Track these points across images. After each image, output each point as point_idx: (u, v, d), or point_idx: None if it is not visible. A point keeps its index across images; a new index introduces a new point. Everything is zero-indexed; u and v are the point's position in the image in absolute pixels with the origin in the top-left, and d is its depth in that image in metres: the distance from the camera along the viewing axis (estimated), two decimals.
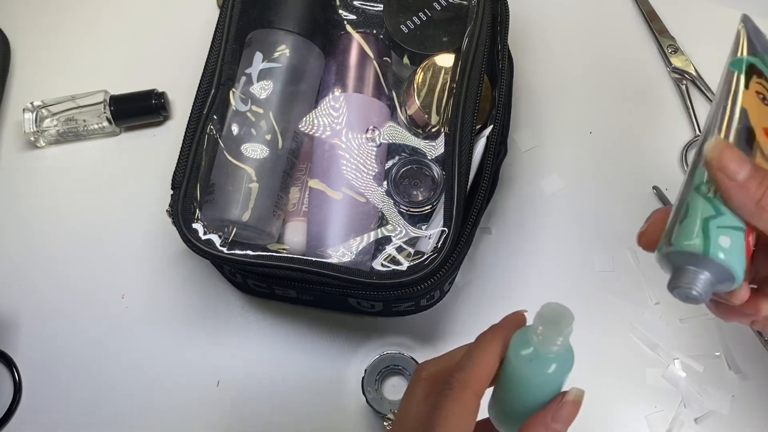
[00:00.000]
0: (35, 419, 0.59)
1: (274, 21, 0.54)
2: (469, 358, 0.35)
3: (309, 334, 0.60)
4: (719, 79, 0.38)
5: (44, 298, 0.61)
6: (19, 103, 0.66)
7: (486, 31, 0.54)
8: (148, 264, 0.62)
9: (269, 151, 0.52)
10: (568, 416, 0.34)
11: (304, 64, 0.54)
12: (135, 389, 0.59)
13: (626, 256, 0.61)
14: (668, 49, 0.66)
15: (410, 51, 0.56)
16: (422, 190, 0.54)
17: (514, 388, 0.34)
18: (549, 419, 0.33)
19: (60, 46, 0.69)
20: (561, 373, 0.34)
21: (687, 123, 0.65)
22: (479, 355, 0.35)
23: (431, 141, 0.54)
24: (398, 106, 0.56)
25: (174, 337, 0.60)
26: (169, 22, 0.70)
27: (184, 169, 0.51)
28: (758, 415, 0.57)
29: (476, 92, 0.52)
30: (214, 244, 0.50)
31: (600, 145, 0.64)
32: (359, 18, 0.58)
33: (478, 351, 0.35)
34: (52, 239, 0.63)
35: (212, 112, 0.53)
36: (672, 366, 0.58)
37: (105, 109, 0.64)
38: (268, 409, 0.58)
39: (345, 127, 0.53)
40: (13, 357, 0.60)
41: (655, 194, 0.62)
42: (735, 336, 0.58)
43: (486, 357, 0.34)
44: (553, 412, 0.34)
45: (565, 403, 0.34)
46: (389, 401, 0.55)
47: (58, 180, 0.65)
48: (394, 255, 0.51)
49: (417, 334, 0.60)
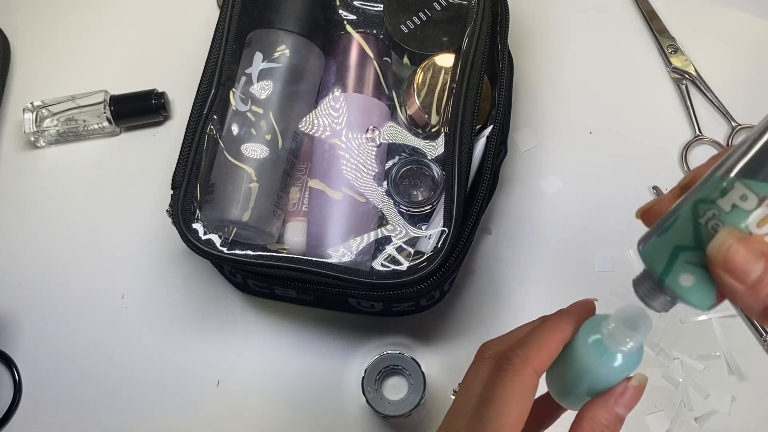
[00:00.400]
0: (35, 419, 0.59)
1: (274, 21, 0.54)
2: (534, 337, 0.34)
3: (309, 334, 0.60)
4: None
5: (44, 298, 0.61)
6: (19, 103, 0.66)
7: (486, 31, 0.54)
8: (148, 264, 0.62)
9: (269, 151, 0.52)
10: (631, 401, 0.34)
11: (304, 64, 0.54)
12: (135, 389, 0.59)
13: (626, 256, 0.61)
14: (668, 49, 0.66)
15: (410, 51, 0.56)
16: (422, 190, 0.54)
17: (579, 373, 0.34)
18: (611, 403, 0.34)
19: (60, 46, 0.69)
20: (627, 368, 0.34)
21: (687, 123, 0.65)
22: (546, 335, 0.34)
23: (431, 141, 0.54)
24: (398, 106, 0.56)
25: (174, 337, 0.60)
26: (169, 22, 0.70)
27: (184, 169, 0.51)
28: (758, 415, 0.57)
29: (476, 92, 0.52)
30: (214, 244, 0.50)
31: (600, 145, 0.64)
32: (359, 18, 0.58)
33: (544, 331, 0.35)
34: (52, 239, 0.63)
35: (212, 112, 0.53)
36: (672, 366, 0.58)
37: (105, 109, 0.64)
38: (268, 409, 0.58)
39: (345, 127, 0.53)
40: (13, 357, 0.60)
41: (655, 194, 0.62)
42: (735, 336, 0.58)
43: (552, 338, 0.34)
44: (616, 396, 0.34)
45: (629, 388, 0.34)
46: (389, 401, 0.55)
47: (58, 180, 0.65)
48: (394, 255, 0.51)
49: (417, 334, 0.60)
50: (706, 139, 0.64)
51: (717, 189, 0.29)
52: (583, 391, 0.34)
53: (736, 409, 0.57)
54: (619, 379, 0.34)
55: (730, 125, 0.64)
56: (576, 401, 0.35)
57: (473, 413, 0.34)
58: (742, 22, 0.68)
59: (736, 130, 0.64)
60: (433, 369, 0.58)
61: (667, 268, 0.30)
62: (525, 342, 0.34)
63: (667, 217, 0.31)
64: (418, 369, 0.54)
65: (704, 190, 0.29)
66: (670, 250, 0.30)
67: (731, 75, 0.66)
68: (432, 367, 0.58)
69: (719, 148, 0.64)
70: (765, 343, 0.58)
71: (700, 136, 0.64)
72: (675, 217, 0.30)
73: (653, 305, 0.32)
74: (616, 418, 0.34)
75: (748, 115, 0.64)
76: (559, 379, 0.36)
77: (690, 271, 0.30)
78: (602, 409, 0.34)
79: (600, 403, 0.34)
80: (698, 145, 0.64)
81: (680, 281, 0.30)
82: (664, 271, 0.30)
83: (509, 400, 0.33)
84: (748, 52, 0.67)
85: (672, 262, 0.30)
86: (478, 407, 0.33)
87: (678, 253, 0.30)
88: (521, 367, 0.33)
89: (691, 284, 0.30)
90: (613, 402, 0.34)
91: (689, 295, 0.30)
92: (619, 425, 0.34)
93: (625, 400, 0.34)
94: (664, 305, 0.32)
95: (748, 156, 0.28)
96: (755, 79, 0.66)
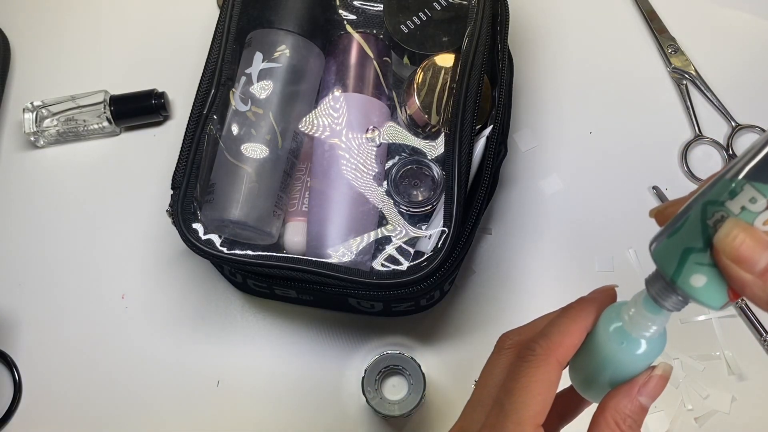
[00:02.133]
0: (35, 419, 0.59)
1: (274, 21, 0.54)
2: (556, 327, 0.34)
3: (309, 334, 0.60)
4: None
5: (44, 298, 0.61)
6: (19, 103, 0.66)
7: (486, 31, 0.54)
8: (148, 264, 0.62)
9: (269, 151, 0.52)
10: (655, 390, 0.33)
11: (304, 64, 0.54)
12: (135, 389, 0.59)
13: (626, 256, 0.61)
14: (668, 49, 0.66)
15: (410, 51, 0.56)
16: (422, 190, 0.54)
17: (601, 363, 0.33)
18: (635, 392, 0.33)
19: (60, 46, 0.69)
20: (651, 355, 0.33)
21: (687, 123, 0.65)
22: (567, 324, 0.34)
23: (431, 141, 0.54)
24: (398, 106, 0.56)
25: (174, 337, 0.60)
26: (169, 22, 0.70)
27: (184, 169, 0.51)
28: (758, 415, 0.57)
29: (476, 92, 0.52)
30: (214, 244, 0.50)
31: (600, 145, 0.64)
32: (359, 18, 0.58)
33: (566, 321, 0.34)
34: (52, 239, 0.63)
35: (212, 112, 0.53)
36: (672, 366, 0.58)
37: (105, 109, 0.64)
38: (268, 410, 0.58)
39: (345, 127, 0.53)
40: (13, 357, 0.60)
41: (655, 194, 0.62)
42: (735, 336, 0.58)
43: (574, 327, 0.33)
44: (640, 386, 0.33)
45: (652, 377, 0.33)
46: (389, 401, 0.55)
47: (58, 180, 0.65)
48: (394, 255, 0.51)
49: (417, 334, 0.60)
50: (706, 139, 0.64)
51: (726, 191, 0.29)
52: (605, 382, 0.34)
53: (736, 409, 0.57)
54: (643, 367, 0.33)
55: (730, 125, 0.64)
56: (599, 392, 0.34)
57: (494, 405, 0.33)
58: (742, 22, 0.68)
59: (736, 130, 0.64)
60: (433, 369, 0.58)
61: (678, 269, 0.30)
62: (547, 332, 0.33)
63: (677, 219, 0.31)
64: (418, 369, 0.54)
65: (713, 191, 0.29)
66: (681, 252, 0.30)
67: (731, 75, 0.66)
68: (432, 367, 0.58)
69: (719, 148, 0.64)
70: (765, 343, 0.58)
71: (700, 136, 0.64)
72: (685, 218, 0.30)
73: (665, 305, 0.32)
74: (639, 408, 0.33)
75: (748, 115, 0.64)
76: (581, 370, 0.35)
77: (701, 272, 0.30)
78: (625, 399, 0.33)
79: (623, 393, 0.33)
80: (698, 145, 0.64)
81: (691, 281, 0.30)
82: (676, 271, 0.30)
83: (532, 392, 0.32)
84: (748, 52, 0.67)
85: (683, 263, 0.30)
86: (499, 398, 0.33)
87: (688, 255, 0.30)
88: (544, 358, 0.33)
89: (703, 284, 0.30)
90: (636, 391, 0.33)
91: (701, 294, 0.30)
92: (642, 415, 0.33)
93: (648, 389, 0.33)
94: (676, 305, 0.31)
95: (758, 158, 0.28)
96: (755, 79, 0.66)
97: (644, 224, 0.65)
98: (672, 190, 0.62)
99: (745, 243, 0.28)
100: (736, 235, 0.28)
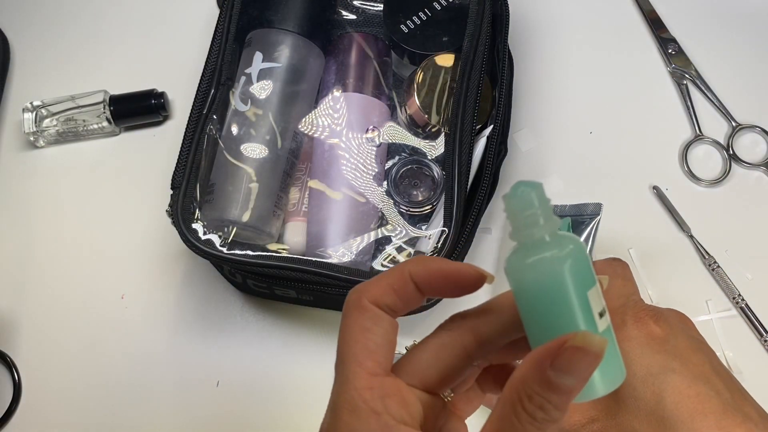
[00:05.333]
0: (35, 419, 0.59)
1: (274, 21, 0.54)
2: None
3: (309, 334, 0.60)
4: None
5: (44, 298, 0.61)
6: (19, 103, 0.66)
7: (486, 31, 0.54)
8: (148, 264, 0.62)
9: (269, 151, 0.52)
10: (571, 366, 0.23)
11: (304, 64, 0.54)
12: (135, 389, 0.59)
13: (626, 256, 0.61)
14: (668, 48, 0.66)
15: (410, 51, 0.56)
16: (422, 190, 0.54)
17: (525, 313, 0.27)
18: (546, 365, 0.23)
19: (60, 46, 0.69)
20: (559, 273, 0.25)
21: (687, 123, 0.65)
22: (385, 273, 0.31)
23: (431, 141, 0.54)
24: (398, 106, 0.56)
25: (174, 337, 0.60)
26: (169, 22, 0.70)
27: (184, 169, 0.51)
28: None
29: (476, 92, 0.52)
30: (214, 244, 0.50)
31: (600, 145, 0.64)
32: (359, 18, 0.58)
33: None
34: (52, 239, 0.63)
35: (212, 112, 0.53)
36: None
37: (105, 109, 0.64)
38: (268, 410, 0.58)
39: (345, 127, 0.53)
40: (13, 357, 0.60)
41: (655, 194, 0.62)
42: (735, 336, 0.58)
43: (391, 271, 0.31)
44: (552, 356, 0.23)
45: (566, 349, 0.23)
46: None
47: (58, 180, 0.65)
48: (394, 255, 0.51)
49: (417, 334, 0.59)
50: (706, 138, 0.64)
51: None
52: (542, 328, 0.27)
53: None
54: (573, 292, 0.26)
55: (730, 125, 0.64)
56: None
57: (336, 364, 0.30)
58: (743, 22, 0.68)
59: (737, 130, 0.64)
60: None
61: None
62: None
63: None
64: None
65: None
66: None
67: (731, 75, 0.66)
68: None
69: (719, 148, 0.64)
70: (765, 343, 0.58)
71: (701, 136, 0.64)
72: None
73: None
74: (548, 385, 0.23)
75: (748, 115, 0.64)
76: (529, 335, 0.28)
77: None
78: (533, 370, 0.23)
79: (532, 361, 0.24)
80: (698, 144, 0.64)
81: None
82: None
83: (352, 339, 0.29)
84: (748, 52, 0.67)
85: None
86: (338, 356, 0.30)
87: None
88: (356, 299, 0.30)
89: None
90: (548, 364, 0.23)
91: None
92: (557, 398, 0.23)
93: (562, 363, 0.23)
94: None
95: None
96: (755, 79, 0.66)
97: (644, 224, 0.65)
98: (672, 190, 0.62)
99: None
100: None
